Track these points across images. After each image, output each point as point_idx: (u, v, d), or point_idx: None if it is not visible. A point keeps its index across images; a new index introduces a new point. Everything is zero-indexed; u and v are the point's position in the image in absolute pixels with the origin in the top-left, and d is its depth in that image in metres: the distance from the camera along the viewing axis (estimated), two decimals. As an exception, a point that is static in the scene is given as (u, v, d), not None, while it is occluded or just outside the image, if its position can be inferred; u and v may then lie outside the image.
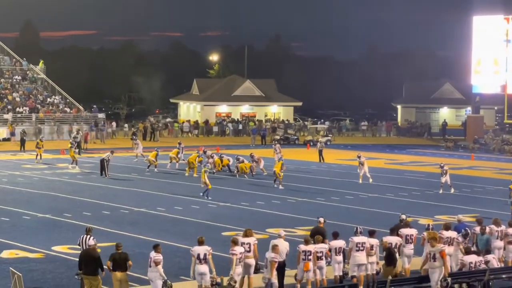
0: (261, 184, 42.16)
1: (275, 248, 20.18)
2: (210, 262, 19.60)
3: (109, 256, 19.32)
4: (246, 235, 20.66)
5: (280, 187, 40.23)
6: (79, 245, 20.60)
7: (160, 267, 19.04)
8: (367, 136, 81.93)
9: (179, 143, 51.41)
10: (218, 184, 40.83)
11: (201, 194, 36.60)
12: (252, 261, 20.35)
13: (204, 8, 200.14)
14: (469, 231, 22.40)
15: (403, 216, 23.95)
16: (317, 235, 21.26)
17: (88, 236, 20.46)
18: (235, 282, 19.08)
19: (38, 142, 51.57)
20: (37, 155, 50.81)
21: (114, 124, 76.21)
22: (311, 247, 20.51)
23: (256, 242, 20.50)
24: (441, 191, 39.63)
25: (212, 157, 46.55)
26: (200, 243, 19.73)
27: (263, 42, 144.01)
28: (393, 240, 21.72)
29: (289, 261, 21.00)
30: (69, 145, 49.41)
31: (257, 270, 20.52)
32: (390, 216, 31.34)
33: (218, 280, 19.41)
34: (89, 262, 19.32)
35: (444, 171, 39.92)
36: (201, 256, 19.50)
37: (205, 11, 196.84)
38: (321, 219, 22.87)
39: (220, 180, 42.82)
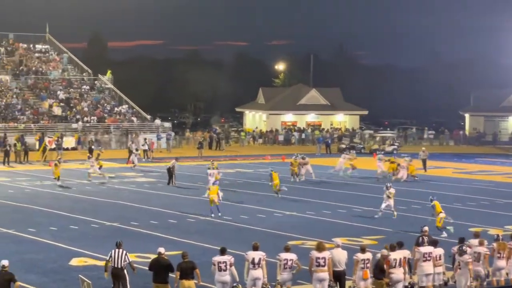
0: (327, 193, 41.99)
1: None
2: (264, 267, 19.84)
3: (176, 266, 19.46)
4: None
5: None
6: (109, 259, 20.25)
7: (233, 268, 19.51)
8: (434, 144, 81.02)
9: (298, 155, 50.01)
10: (284, 193, 40.87)
11: (219, 214, 33.88)
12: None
13: (269, 18, 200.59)
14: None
15: None
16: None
17: (120, 250, 20.22)
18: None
19: (98, 154, 50.59)
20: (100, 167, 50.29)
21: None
22: (369, 255, 20.50)
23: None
24: (380, 214, 34.27)
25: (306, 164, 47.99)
26: (255, 248, 20.01)
27: (328, 51, 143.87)
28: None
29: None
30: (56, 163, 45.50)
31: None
32: (458, 226, 30.95)
33: (269, 286, 19.85)
34: (160, 270, 19.51)
35: (388, 194, 34.36)
36: (256, 261, 19.75)
37: (270, 21, 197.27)
38: (426, 228, 23.06)
39: (286, 190, 42.83)
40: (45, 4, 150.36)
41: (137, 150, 56.27)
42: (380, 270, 19.94)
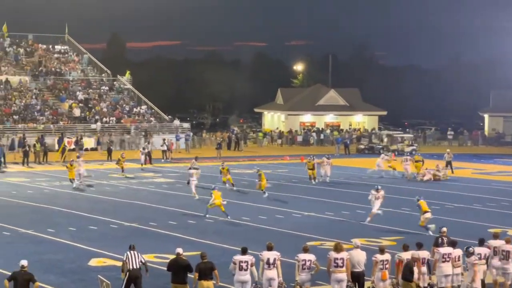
0: (345, 194, 41.91)
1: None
2: (278, 267, 19.81)
3: (194, 267, 19.48)
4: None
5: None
6: (126, 260, 19.96)
7: (254, 268, 19.52)
8: (453, 145, 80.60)
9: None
10: (302, 194, 40.81)
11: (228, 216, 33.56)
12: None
13: (288, 18, 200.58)
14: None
15: None
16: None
17: (135, 251, 20.08)
18: None
19: (119, 159, 50.71)
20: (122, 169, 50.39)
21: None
22: (388, 256, 20.42)
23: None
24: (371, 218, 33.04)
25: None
26: (269, 248, 20.01)
27: (347, 51, 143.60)
28: (482, 251, 21.33)
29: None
30: (71, 164, 44.76)
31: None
32: (478, 227, 30.84)
33: (285, 286, 19.84)
34: (179, 270, 19.54)
35: (378, 196, 33.35)
36: (270, 261, 19.74)
37: (289, 21, 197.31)
38: (444, 228, 23.01)
39: (304, 190, 42.77)
40: (64, 5, 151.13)
41: (143, 149, 56.21)
42: (409, 272, 19.90)
